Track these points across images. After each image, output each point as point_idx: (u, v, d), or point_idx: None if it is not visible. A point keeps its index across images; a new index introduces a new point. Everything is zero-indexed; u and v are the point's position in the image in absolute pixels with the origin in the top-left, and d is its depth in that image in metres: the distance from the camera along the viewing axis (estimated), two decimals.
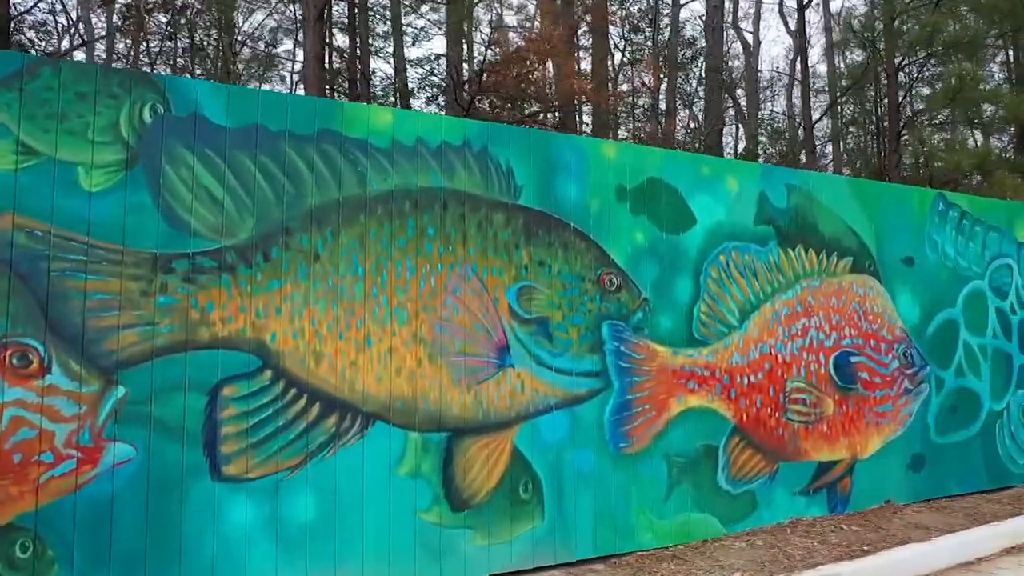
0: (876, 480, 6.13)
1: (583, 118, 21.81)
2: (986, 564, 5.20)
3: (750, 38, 26.36)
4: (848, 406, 6.02)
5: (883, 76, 17.28)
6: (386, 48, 19.17)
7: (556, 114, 16.63)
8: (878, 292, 6.30)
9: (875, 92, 19.13)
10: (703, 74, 21.43)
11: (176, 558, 3.66)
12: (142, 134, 3.75)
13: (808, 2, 25.43)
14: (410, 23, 18.98)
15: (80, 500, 3.50)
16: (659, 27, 21.17)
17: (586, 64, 21.14)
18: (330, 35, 18.11)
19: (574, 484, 4.73)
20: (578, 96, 14.19)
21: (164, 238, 3.76)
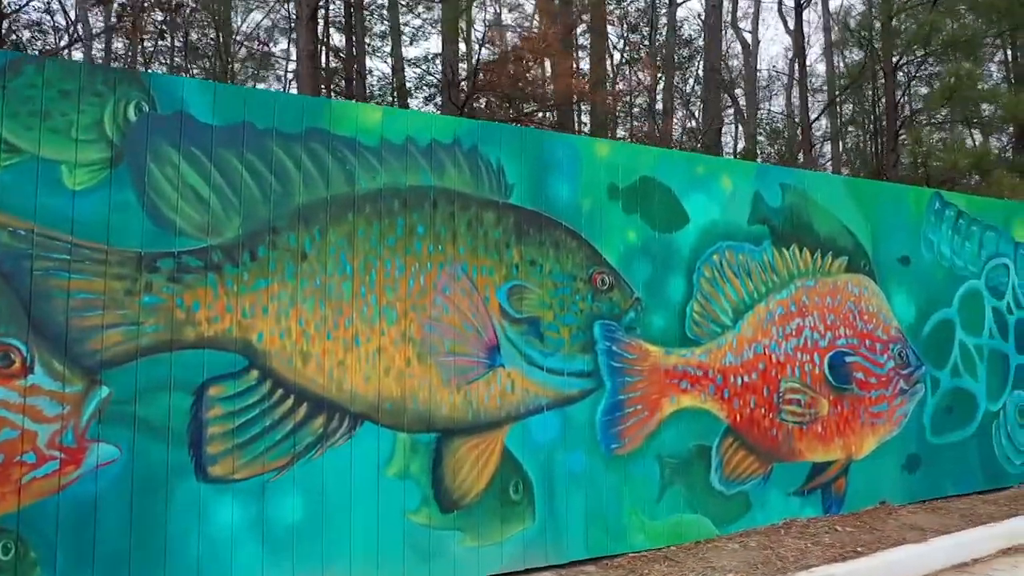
0: (871, 481, 6.09)
1: (582, 118, 21.79)
2: (981, 565, 5.16)
3: (748, 37, 26.31)
4: (843, 406, 5.99)
5: (881, 75, 17.24)
6: (384, 48, 19.15)
7: (553, 113, 16.59)
8: (873, 292, 6.26)
9: (872, 91, 19.09)
10: (701, 73, 21.40)
11: (161, 560, 3.62)
12: (127, 132, 3.72)
13: (807, 2, 25.41)
14: (407, 22, 18.95)
15: (63, 501, 3.46)
16: (656, 27, 21.14)
17: (584, 64, 21.13)
18: (327, 34, 18.09)
19: (565, 485, 4.69)
20: (575, 95, 14.15)
21: (149, 237, 3.72)
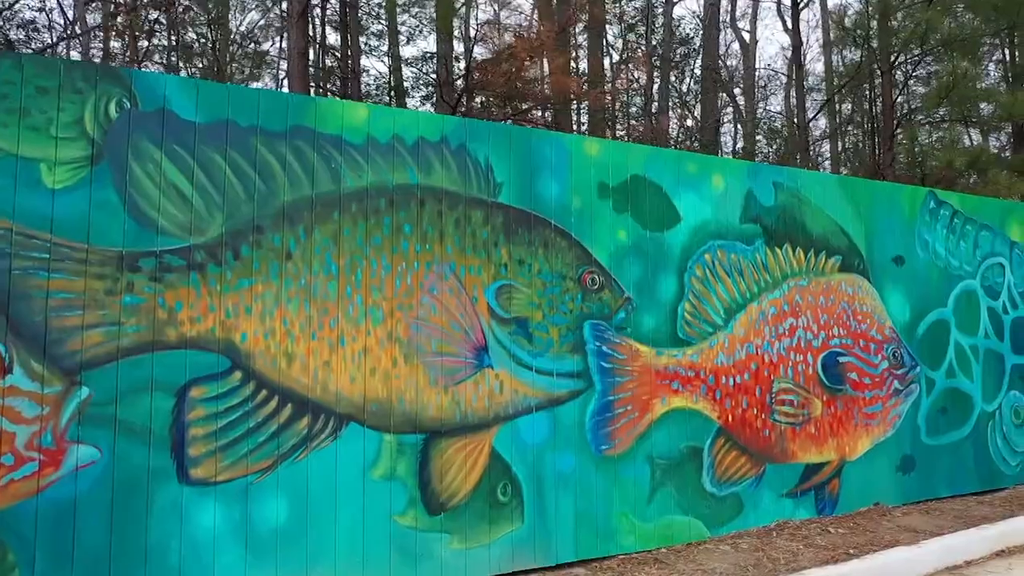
0: (865, 482, 6.05)
1: (581, 117, 21.72)
2: (975, 567, 5.11)
3: (747, 37, 26.26)
4: (836, 407, 5.94)
5: (878, 74, 17.18)
6: (380, 47, 19.10)
7: (550, 112, 16.54)
8: (867, 292, 6.22)
9: (870, 90, 19.04)
10: (699, 72, 21.33)
11: (141, 563, 3.58)
12: (108, 130, 3.67)
13: (806, 3, 25.34)
14: (404, 21, 18.90)
15: (42, 503, 3.41)
16: (653, 25, 21.08)
17: (582, 63, 21.06)
18: (323, 34, 18.04)
19: (554, 486, 4.65)
20: (569, 94, 14.10)
21: (130, 236, 3.67)
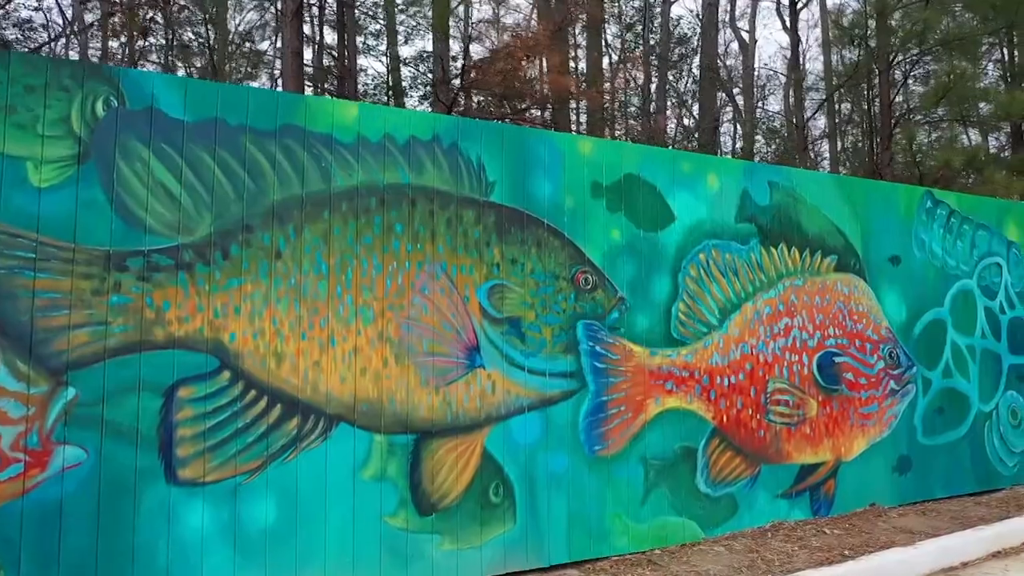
0: (861, 483, 6.02)
1: (580, 117, 21.68)
2: (971, 569, 5.09)
3: (746, 36, 26.22)
4: (832, 407, 5.91)
5: (876, 74, 17.15)
6: (378, 46, 19.07)
7: (548, 112, 16.50)
8: (863, 291, 6.19)
9: (867, 90, 19.00)
10: (696, 71, 21.31)
11: (129, 565, 3.55)
12: (95, 128, 3.64)
13: (805, 2, 25.29)
14: (403, 21, 18.88)
15: (28, 505, 3.38)
16: (651, 24, 21.05)
17: (580, 63, 21.03)
18: (321, 33, 18.02)
19: (547, 487, 4.62)
20: (564, 93, 14.06)
21: (118, 235, 3.64)
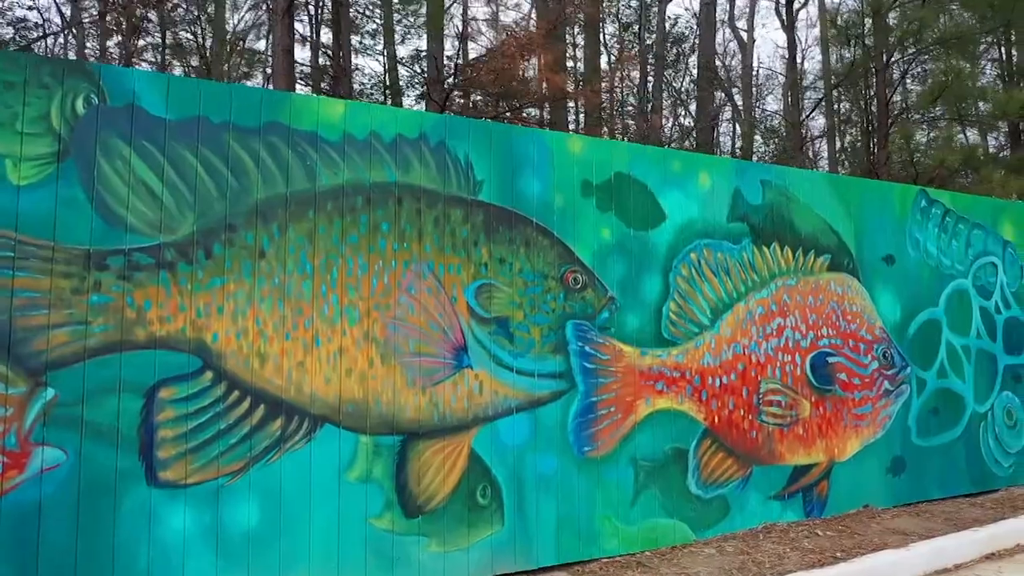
0: (854, 484, 5.97)
1: (579, 117, 21.62)
2: (964, 571, 5.04)
3: (744, 36, 26.17)
4: (825, 408, 5.87)
5: (873, 73, 17.11)
6: (375, 46, 19.02)
7: (545, 111, 16.45)
8: (857, 291, 6.15)
9: (864, 89, 18.96)
10: (694, 71, 21.26)
11: (109, 568, 3.50)
12: (75, 126, 3.60)
13: (804, 2, 25.24)
14: (400, 20, 18.83)
15: (5, 506, 3.34)
16: (648, 23, 21.00)
17: (579, 63, 20.96)
18: (317, 32, 17.98)
19: (536, 489, 4.57)
20: (559, 92, 14.02)
21: (98, 234, 3.60)
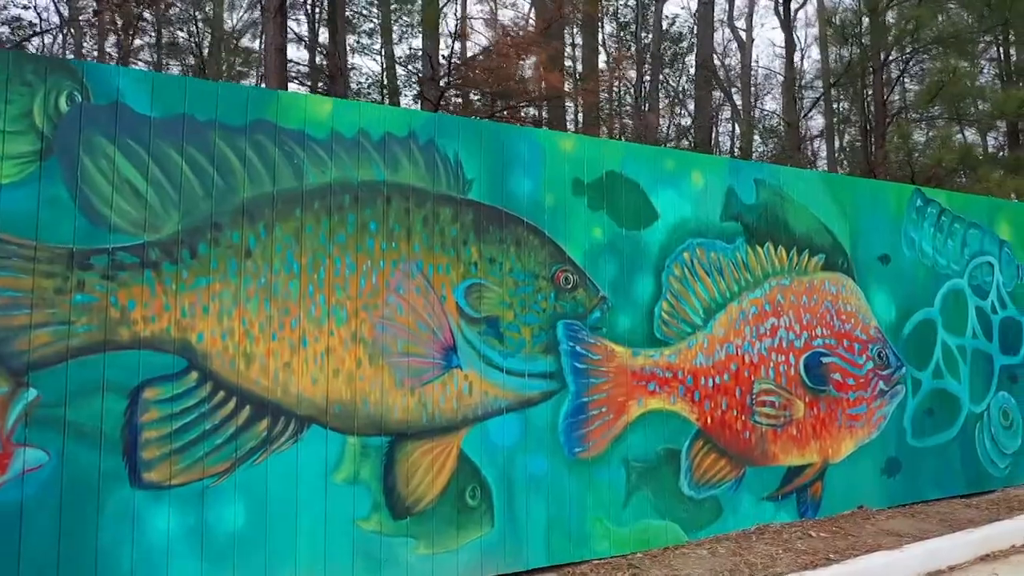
0: (849, 485, 5.94)
1: (578, 116, 21.58)
2: (958, 573, 5.01)
3: (743, 35, 26.14)
4: (819, 408, 5.83)
5: (870, 72, 17.07)
6: (372, 45, 18.99)
7: (544, 110, 16.41)
8: (852, 291, 6.11)
9: (862, 88, 18.92)
10: (692, 70, 21.23)
11: (91, 571, 3.47)
12: (58, 123, 3.57)
13: (803, 1, 25.21)
14: (397, 19, 18.79)
15: None
16: (645, 22, 20.95)
17: (577, 63, 20.92)
18: (314, 31, 17.94)
19: (526, 490, 4.54)
20: (556, 91, 13.99)
21: (81, 233, 3.57)
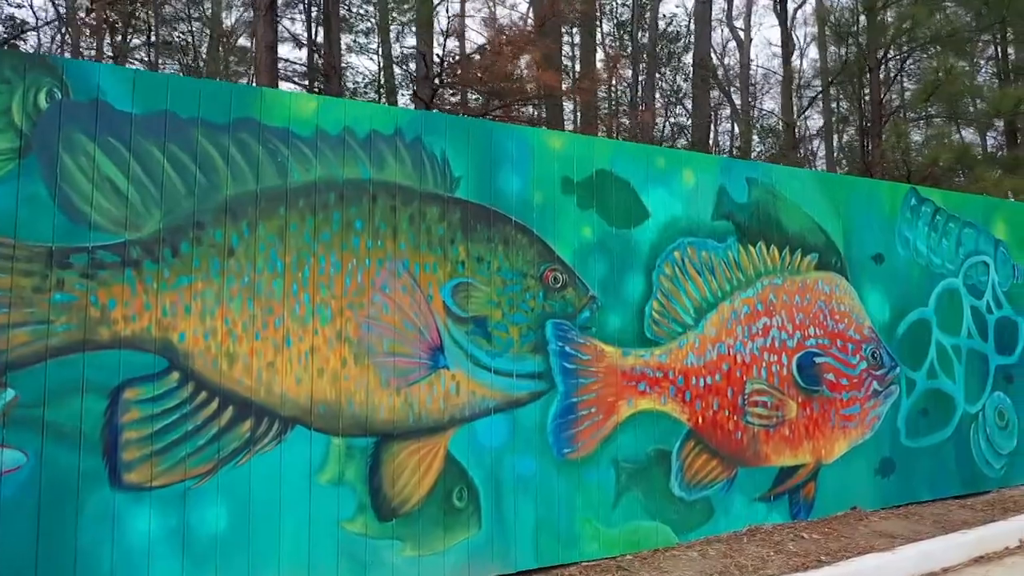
0: (842, 486, 5.89)
1: (577, 115, 21.54)
2: (951, 575, 4.96)
3: (741, 35, 26.09)
4: (812, 408, 5.79)
5: (867, 70, 17.02)
6: (369, 44, 18.95)
7: (541, 110, 16.36)
8: (845, 290, 6.07)
9: (859, 87, 18.86)
10: (690, 70, 21.19)
11: (71, 571, 3.43)
12: (37, 121, 3.52)
13: (801, 1, 25.17)
14: (395, 19, 18.75)
15: None
16: (642, 21, 20.91)
17: (575, 62, 20.89)
18: (310, 30, 17.90)
19: (514, 491, 4.50)
20: (551, 89, 13.95)
21: (61, 231, 3.53)
